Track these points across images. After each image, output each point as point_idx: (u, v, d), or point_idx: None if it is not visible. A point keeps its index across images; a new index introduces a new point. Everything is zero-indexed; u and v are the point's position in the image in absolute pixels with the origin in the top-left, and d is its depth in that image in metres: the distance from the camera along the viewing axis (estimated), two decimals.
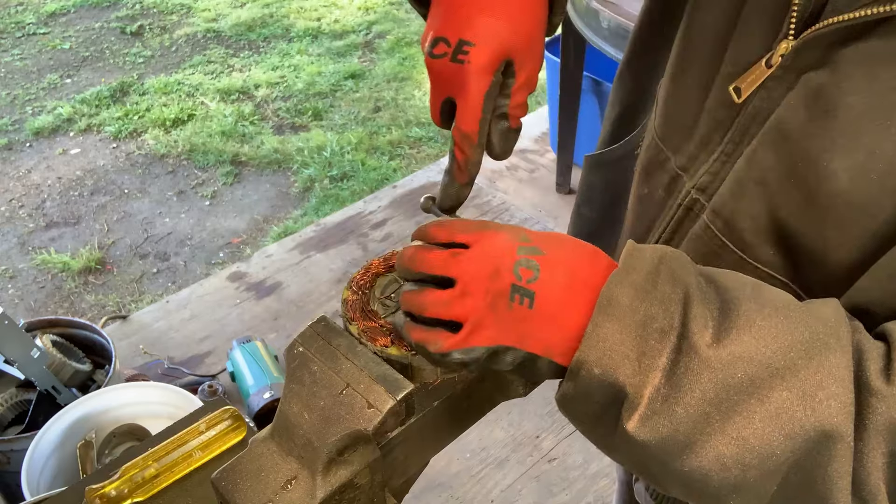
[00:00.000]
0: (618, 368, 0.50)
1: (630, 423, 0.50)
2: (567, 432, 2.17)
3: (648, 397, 0.50)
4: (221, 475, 0.58)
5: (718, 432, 0.49)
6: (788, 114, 0.60)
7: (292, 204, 3.46)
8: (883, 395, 0.47)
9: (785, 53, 0.60)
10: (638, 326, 0.50)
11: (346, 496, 0.58)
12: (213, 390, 2.18)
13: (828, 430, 0.47)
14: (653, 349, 0.50)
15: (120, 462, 0.97)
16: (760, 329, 0.49)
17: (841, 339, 0.49)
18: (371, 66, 4.60)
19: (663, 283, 0.51)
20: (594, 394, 0.52)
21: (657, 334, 0.50)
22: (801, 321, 0.50)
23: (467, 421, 0.71)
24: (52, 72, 4.58)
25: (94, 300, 2.93)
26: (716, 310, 0.51)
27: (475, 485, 2.06)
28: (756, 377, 0.48)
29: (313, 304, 2.66)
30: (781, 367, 0.48)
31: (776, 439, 0.48)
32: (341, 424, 0.55)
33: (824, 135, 0.57)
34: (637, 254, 0.53)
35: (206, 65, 4.62)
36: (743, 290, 0.52)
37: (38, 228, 3.35)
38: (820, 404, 0.47)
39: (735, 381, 0.48)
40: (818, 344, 0.49)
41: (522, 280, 0.53)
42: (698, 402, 0.49)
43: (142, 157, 3.80)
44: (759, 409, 0.48)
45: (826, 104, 0.57)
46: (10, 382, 1.99)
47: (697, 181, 0.71)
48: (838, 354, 0.48)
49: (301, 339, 0.61)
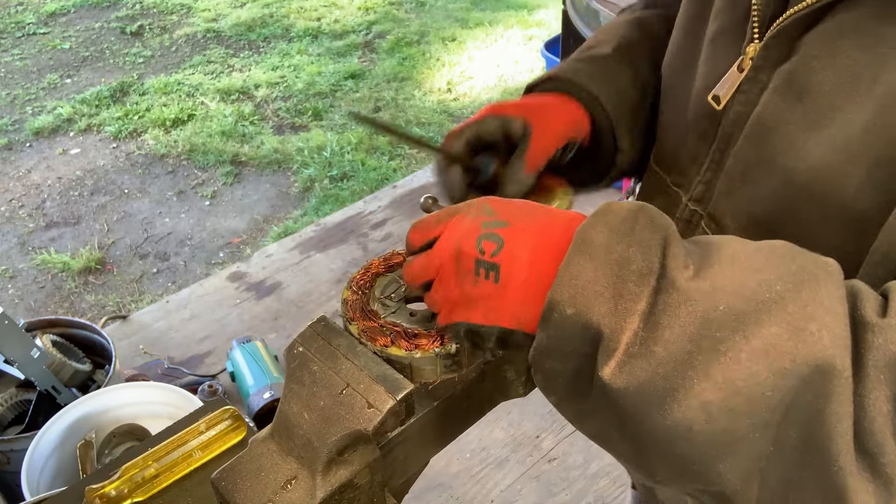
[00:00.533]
0: (592, 307, 0.47)
1: (606, 370, 0.46)
2: (567, 432, 2.17)
3: (626, 342, 0.46)
4: (221, 475, 0.58)
5: (702, 375, 0.44)
6: (766, 109, 0.63)
7: (292, 204, 3.46)
8: (880, 328, 0.43)
9: (754, 55, 0.64)
10: (614, 265, 0.47)
11: (346, 496, 0.58)
12: (213, 390, 2.18)
13: (821, 363, 0.42)
14: (630, 292, 0.46)
15: (120, 462, 0.97)
16: (743, 262, 0.46)
17: (831, 272, 0.46)
18: (371, 66, 4.60)
19: (642, 229, 0.48)
20: (568, 340, 0.49)
21: (635, 277, 0.47)
22: (788, 255, 0.47)
23: (467, 421, 0.71)
24: (52, 72, 4.58)
25: (94, 300, 2.93)
26: (696, 253, 0.48)
27: (475, 485, 2.06)
28: (740, 311, 0.44)
29: (313, 304, 2.66)
30: (767, 299, 0.44)
31: (766, 378, 0.43)
32: (341, 424, 0.55)
33: (800, 117, 0.60)
34: (614, 205, 0.51)
35: (206, 65, 4.62)
36: (728, 239, 0.50)
37: (38, 228, 3.35)
38: (811, 336, 0.42)
39: (717, 315, 0.44)
40: (807, 276, 0.45)
41: (486, 254, 0.52)
42: (678, 338, 0.44)
43: (142, 157, 3.80)
44: (745, 347, 0.43)
45: (799, 88, 0.60)
46: (10, 382, 1.99)
47: (693, 193, 0.74)
48: (829, 286, 0.44)
49: (301, 339, 0.61)
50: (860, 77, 0.55)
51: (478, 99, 4.26)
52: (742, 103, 0.66)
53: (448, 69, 4.55)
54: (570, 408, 0.54)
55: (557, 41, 3.35)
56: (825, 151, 0.57)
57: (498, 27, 5.03)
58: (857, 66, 0.55)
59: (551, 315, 0.49)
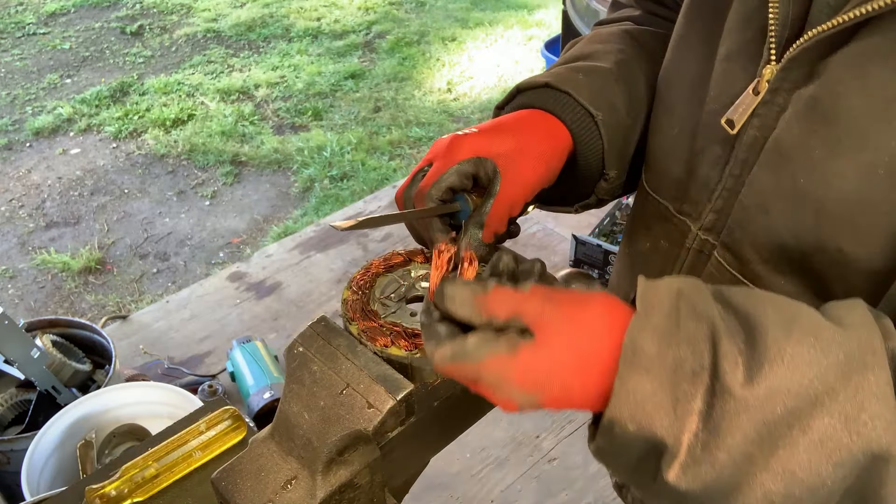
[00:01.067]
0: (653, 421, 0.48)
1: (671, 473, 0.48)
2: (567, 432, 2.17)
3: (687, 444, 0.47)
4: (221, 475, 0.58)
5: (763, 469, 0.47)
6: (785, 133, 0.61)
7: (292, 204, 3.46)
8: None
9: (770, 78, 0.61)
10: (669, 373, 0.48)
11: (346, 496, 0.58)
12: (213, 390, 2.18)
13: (876, 451, 0.45)
14: (686, 393, 0.47)
15: (120, 462, 0.97)
16: (793, 358, 0.47)
17: (876, 353, 0.47)
18: (371, 66, 4.60)
19: (686, 321, 0.49)
20: (631, 447, 0.50)
21: (689, 377, 0.48)
22: (833, 341, 0.48)
23: (467, 421, 0.71)
24: (52, 72, 4.58)
25: (94, 300, 2.93)
26: (742, 342, 0.48)
27: (475, 485, 2.06)
28: (795, 408, 0.46)
29: (313, 304, 2.66)
30: (820, 393, 0.46)
31: (824, 468, 0.46)
32: (341, 424, 0.55)
33: (826, 142, 0.57)
34: (652, 293, 0.50)
35: (206, 65, 4.62)
36: (766, 314, 0.50)
37: (38, 228, 3.35)
38: (864, 426, 0.45)
39: (775, 417, 0.46)
40: (854, 363, 0.47)
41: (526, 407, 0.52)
42: (740, 444, 0.47)
43: (142, 157, 3.80)
44: (802, 440, 0.46)
45: (824, 113, 0.57)
46: (10, 382, 1.99)
47: (704, 222, 0.71)
48: (876, 371, 0.46)
49: (301, 339, 0.61)
50: (893, 100, 0.54)
51: (478, 99, 4.26)
52: (758, 128, 0.63)
53: (448, 69, 4.55)
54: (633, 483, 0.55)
55: (557, 41, 3.35)
56: (859, 178, 0.56)
57: (498, 27, 5.03)
58: (887, 89, 0.54)
59: (612, 429, 0.49)
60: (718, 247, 0.70)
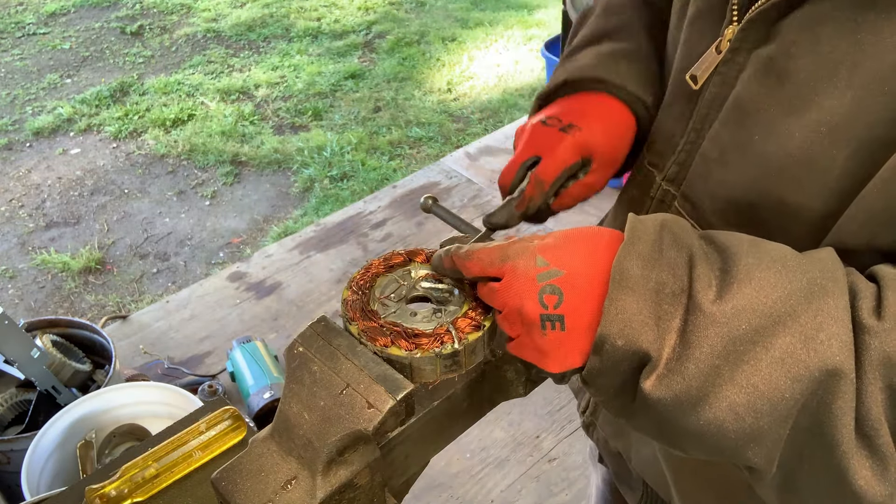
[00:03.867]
0: (640, 336, 0.52)
1: (647, 383, 0.52)
2: (567, 432, 2.18)
3: (666, 357, 0.52)
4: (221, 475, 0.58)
5: (729, 382, 0.50)
6: (744, 92, 0.65)
7: (292, 204, 3.46)
8: (875, 331, 0.49)
9: (732, 38, 0.65)
10: (652, 293, 0.53)
11: (346, 496, 0.58)
12: (213, 390, 2.18)
13: (830, 368, 0.49)
14: (667, 312, 0.52)
15: (120, 462, 0.97)
16: (760, 281, 0.51)
17: (838, 281, 0.51)
18: (371, 66, 4.60)
19: (668, 249, 0.54)
20: (620, 364, 0.54)
21: (669, 298, 0.53)
22: (799, 268, 0.52)
23: (467, 421, 0.71)
24: (52, 72, 4.58)
25: (94, 300, 2.93)
26: (717, 268, 0.53)
27: (475, 485, 2.06)
28: (759, 326, 0.50)
29: (313, 304, 2.66)
30: (783, 313, 0.50)
31: (784, 383, 0.49)
32: (341, 424, 0.55)
33: (779, 102, 0.61)
34: (639, 225, 0.56)
35: (206, 65, 4.62)
36: (741, 247, 0.54)
37: (38, 228, 3.35)
38: (821, 345, 0.49)
39: (740, 333, 0.50)
40: (816, 289, 0.51)
41: (549, 308, 0.56)
42: (707, 356, 0.51)
43: (142, 157, 3.80)
44: (765, 356, 0.50)
45: (778, 73, 0.62)
46: (10, 382, 1.99)
47: (667, 173, 0.76)
48: (836, 296, 0.50)
49: (301, 339, 0.61)
50: (840, 63, 0.57)
51: (478, 99, 4.26)
52: (719, 85, 0.67)
53: (448, 69, 4.55)
54: (614, 406, 0.59)
55: (557, 41, 3.35)
56: (807, 136, 0.59)
57: (498, 27, 5.03)
58: (836, 52, 0.57)
59: (603, 346, 0.54)
60: (679, 197, 0.74)
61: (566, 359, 0.57)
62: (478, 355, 0.64)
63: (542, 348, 0.57)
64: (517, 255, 0.58)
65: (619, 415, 0.59)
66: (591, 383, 0.57)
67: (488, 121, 4.07)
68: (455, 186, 3.23)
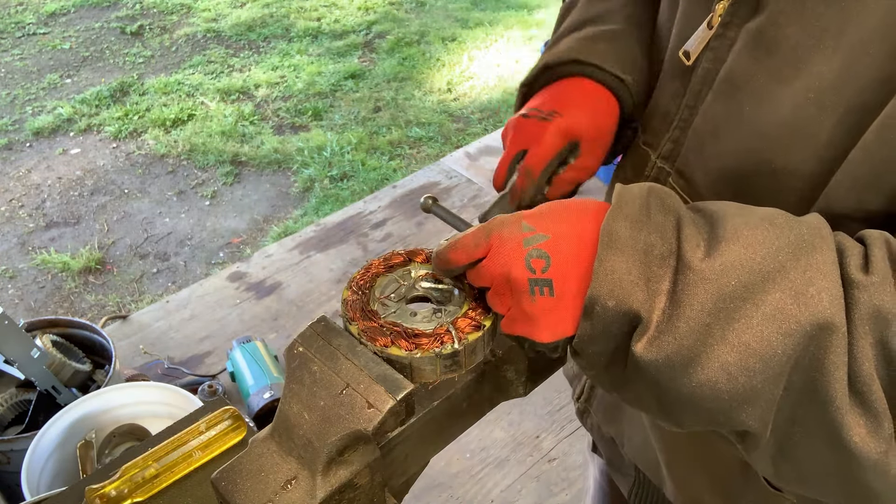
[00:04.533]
0: (630, 296, 0.52)
1: (639, 346, 0.52)
2: (567, 432, 2.18)
3: (656, 320, 0.51)
4: (221, 475, 0.58)
5: (720, 341, 0.50)
6: (735, 65, 0.66)
7: (292, 204, 3.46)
8: (864, 286, 0.49)
9: (723, 13, 0.66)
10: (640, 254, 0.52)
11: (346, 496, 0.58)
12: (213, 390, 2.18)
13: (821, 321, 0.48)
14: (656, 274, 0.52)
15: (120, 462, 0.97)
16: (748, 238, 0.51)
17: (825, 238, 0.51)
18: (371, 66, 4.60)
19: (656, 213, 0.54)
20: (611, 327, 0.53)
21: (658, 260, 0.52)
22: (786, 225, 0.52)
23: (467, 421, 0.71)
24: (52, 72, 4.58)
25: (94, 300, 2.93)
26: (705, 230, 0.53)
27: (475, 485, 2.06)
28: (749, 283, 0.50)
29: (313, 304, 2.66)
30: (772, 270, 0.50)
31: (776, 339, 0.49)
32: (341, 424, 0.55)
33: (769, 71, 0.62)
34: (626, 191, 0.56)
35: (206, 65, 4.62)
36: (728, 209, 0.54)
37: (38, 228, 3.35)
38: (812, 299, 0.48)
39: (730, 290, 0.50)
40: (804, 244, 0.50)
41: (537, 272, 0.55)
42: (698, 314, 0.50)
43: (142, 157, 3.80)
44: (755, 313, 0.49)
45: (767, 43, 0.62)
46: (10, 382, 1.99)
47: (661, 151, 0.76)
48: (824, 251, 0.50)
49: (301, 339, 0.61)
50: (826, 30, 0.58)
51: (478, 99, 4.26)
52: (711, 60, 0.68)
53: (448, 69, 4.55)
54: (606, 378, 0.58)
55: None
56: (796, 103, 0.60)
57: (498, 27, 5.03)
58: (822, 19, 0.58)
59: (593, 308, 0.53)
60: (673, 174, 0.75)
61: (557, 326, 0.56)
62: (478, 355, 0.64)
63: (532, 316, 0.56)
64: (501, 224, 0.58)
65: (612, 387, 0.59)
66: (583, 353, 0.57)
67: (488, 121, 4.07)
68: (455, 186, 3.23)
